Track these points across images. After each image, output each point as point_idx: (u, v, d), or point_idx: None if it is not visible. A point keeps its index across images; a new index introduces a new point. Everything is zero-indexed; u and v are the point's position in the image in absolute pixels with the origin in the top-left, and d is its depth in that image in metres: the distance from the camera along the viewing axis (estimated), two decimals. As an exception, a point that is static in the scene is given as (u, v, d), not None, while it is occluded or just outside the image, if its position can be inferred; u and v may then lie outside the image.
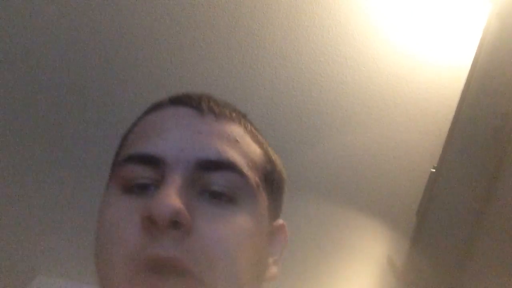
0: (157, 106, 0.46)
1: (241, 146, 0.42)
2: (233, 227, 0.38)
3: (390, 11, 0.99)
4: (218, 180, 0.38)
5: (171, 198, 0.34)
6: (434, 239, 1.01)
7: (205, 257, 0.35)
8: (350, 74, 1.05)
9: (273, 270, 0.47)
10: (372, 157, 1.11)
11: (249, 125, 0.46)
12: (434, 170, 0.99)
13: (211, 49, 1.08)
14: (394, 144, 1.10)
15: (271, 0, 1.01)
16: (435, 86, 1.04)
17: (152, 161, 0.38)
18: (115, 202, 0.39)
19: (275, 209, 0.47)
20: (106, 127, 1.18)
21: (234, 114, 0.45)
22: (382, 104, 1.07)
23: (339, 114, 1.09)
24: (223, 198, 0.39)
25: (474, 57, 0.95)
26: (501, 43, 0.89)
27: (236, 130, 0.43)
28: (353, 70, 1.05)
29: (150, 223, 0.34)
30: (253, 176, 0.41)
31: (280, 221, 0.49)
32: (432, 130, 1.07)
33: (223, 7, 1.03)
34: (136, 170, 0.39)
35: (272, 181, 0.46)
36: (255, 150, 0.44)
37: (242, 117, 0.46)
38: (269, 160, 0.46)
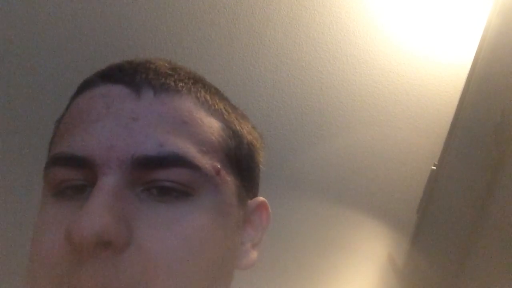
0: (86, 85, 0.38)
1: (191, 127, 0.34)
2: (186, 229, 0.31)
3: (391, 8, 0.99)
4: (164, 177, 0.32)
5: (96, 215, 0.28)
6: (435, 237, 1.01)
7: (150, 271, 0.29)
8: (350, 71, 1.05)
9: (252, 255, 0.42)
10: (372, 155, 1.11)
11: (202, 94, 0.38)
12: (434, 168, 0.99)
13: (210, 46, 1.07)
14: (394, 142, 1.09)
15: (272, -4, 1.00)
16: (436, 83, 1.04)
17: (79, 163, 0.32)
18: (45, 209, 0.34)
19: (248, 189, 0.41)
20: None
21: (181, 84, 0.36)
22: (383, 101, 1.07)
23: (339, 111, 1.09)
24: (173, 194, 0.32)
25: (475, 54, 0.95)
26: (502, 41, 0.89)
27: (183, 106, 0.35)
28: (353, 68, 1.04)
29: (72, 248, 0.28)
30: (209, 162, 0.34)
31: (259, 199, 0.43)
32: (432, 128, 1.07)
33: (223, 3, 1.03)
34: (63, 173, 0.33)
35: (239, 157, 0.39)
36: (210, 126, 0.36)
37: (192, 85, 0.38)
38: (232, 133, 0.39)
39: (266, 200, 0.44)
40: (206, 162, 0.34)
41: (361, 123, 1.09)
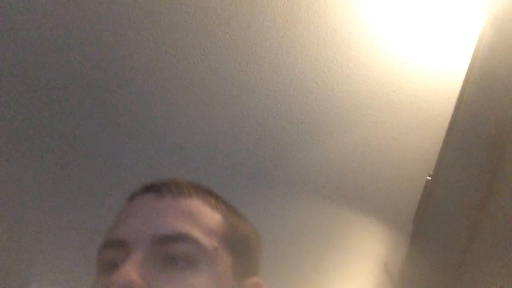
0: (130, 198, 0.53)
1: (197, 217, 0.48)
2: (189, 286, 0.43)
3: (386, 19, 1.00)
4: (175, 250, 0.45)
5: (124, 272, 0.41)
6: (430, 246, 1.01)
7: None
8: (345, 82, 1.05)
9: None
10: (367, 165, 1.12)
11: (209, 197, 0.52)
12: (429, 178, 0.99)
13: (207, 58, 1.08)
14: (390, 152, 1.10)
15: (267, 8, 1.01)
16: (431, 93, 1.04)
17: (119, 244, 0.46)
18: (95, 279, 0.47)
19: (243, 266, 0.52)
20: (105, 132, 1.18)
21: (192, 190, 0.51)
22: (378, 112, 1.07)
23: (334, 122, 1.09)
24: (181, 264, 0.44)
25: (469, 65, 0.95)
26: (496, 52, 0.90)
27: (193, 204, 0.50)
28: (348, 78, 1.05)
29: None
30: (209, 241, 0.47)
31: (255, 279, 0.53)
32: (427, 138, 1.07)
33: (219, 16, 1.03)
34: (108, 253, 0.47)
35: (234, 242, 0.51)
36: (213, 218, 0.50)
37: (202, 192, 0.52)
38: (229, 225, 0.52)
39: (260, 281, 0.54)
40: (207, 241, 0.47)
41: (356, 133, 1.10)
